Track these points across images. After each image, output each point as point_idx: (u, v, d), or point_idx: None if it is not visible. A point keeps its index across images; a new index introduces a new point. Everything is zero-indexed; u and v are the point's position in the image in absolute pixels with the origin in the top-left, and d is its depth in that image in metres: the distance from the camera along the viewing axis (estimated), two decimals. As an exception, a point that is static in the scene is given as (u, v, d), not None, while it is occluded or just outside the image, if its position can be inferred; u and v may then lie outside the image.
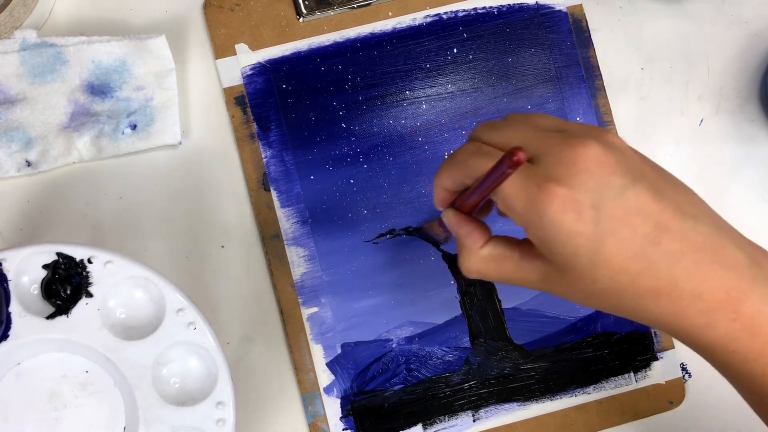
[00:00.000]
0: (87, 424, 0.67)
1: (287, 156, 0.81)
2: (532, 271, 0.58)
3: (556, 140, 0.54)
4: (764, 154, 0.85)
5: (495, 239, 0.60)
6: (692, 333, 0.56)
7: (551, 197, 0.52)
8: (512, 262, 0.59)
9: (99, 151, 0.79)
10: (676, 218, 0.54)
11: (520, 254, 0.58)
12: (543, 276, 0.57)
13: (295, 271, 0.81)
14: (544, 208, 0.52)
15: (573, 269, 0.54)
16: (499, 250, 0.59)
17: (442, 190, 0.62)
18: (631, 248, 0.53)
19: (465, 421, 0.81)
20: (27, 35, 0.78)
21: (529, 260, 0.58)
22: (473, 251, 0.60)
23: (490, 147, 0.57)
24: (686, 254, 0.54)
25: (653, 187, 0.54)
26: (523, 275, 0.59)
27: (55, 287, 0.66)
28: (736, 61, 0.86)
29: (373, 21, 0.82)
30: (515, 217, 0.55)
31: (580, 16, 0.84)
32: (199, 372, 0.68)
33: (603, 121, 0.83)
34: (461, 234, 0.61)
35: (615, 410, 0.82)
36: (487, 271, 0.60)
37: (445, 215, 0.63)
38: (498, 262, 0.59)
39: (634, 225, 0.53)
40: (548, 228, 0.53)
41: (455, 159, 0.58)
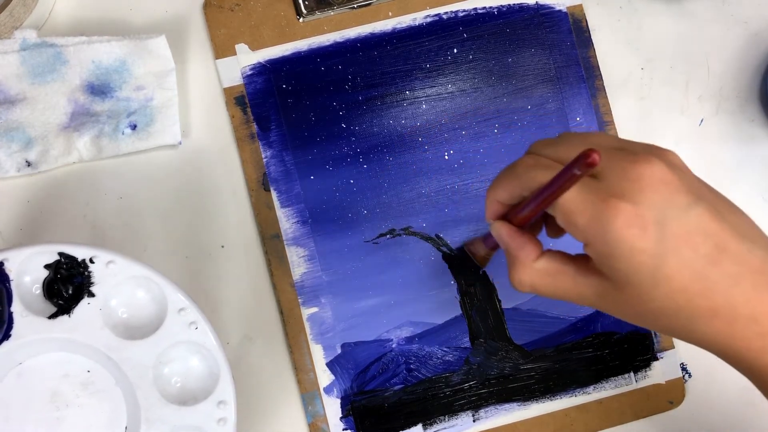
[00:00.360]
0: (88, 423, 0.67)
1: (287, 156, 0.81)
2: (588, 286, 0.58)
3: (618, 156, 0.54)
4: (764, 154, 0.85)
5: (549, 253, 0.60)
6: (746, 356, 0.56)
7: (616, 212, 0.52)
8: (568, 277, 0.58)
9: (99, 151, 0.79)
10: (735, 240, 0.54)
11: (575, 269, 0.58)
12: (599, 292, 0.57)
13: (295, 271, 0.81)
14: (609, 223, 0.52)
15: (632, 286, 0.54)
16: (554, 264, 0.59)
17: (496, 203, 0.61)
18: (692, 268, 0.53)
19: (465, 421, 0.81)
20: (27, 35, 0.78)
21: (585, 276, 0.58)
22: (527, 264, 0.60)
23: (549, 160, 0.57)
24: (744, 276, 0.54)
25: (713, 208, 0.54)
26: (579, 291, 0.58)
27: (56, 287, 0.66)
28: (736, 61, 0.86)
29: (373, 21, 0.82)
30: (575, 232, 0.55)
31: (580, 16, 0.84)
32: (201, 371, 0.68)
33: (603, 121, 0.83)
34: (513, 246, 0.60)
35: (615, 410, 0.82)
36: (541, 285, 0.60)
37: (495, 227, 0.62)
38: (553, 277, 0.59)
39: (696, 244, 0.53)
40: (611, 243, 0.53)
41: (513, 171, 0.58)
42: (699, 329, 0.55)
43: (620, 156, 0.54)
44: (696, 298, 0.54)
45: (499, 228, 0.61)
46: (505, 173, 0.59)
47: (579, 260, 0.58)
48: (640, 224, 0.52)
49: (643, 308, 0.55)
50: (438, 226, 0.82)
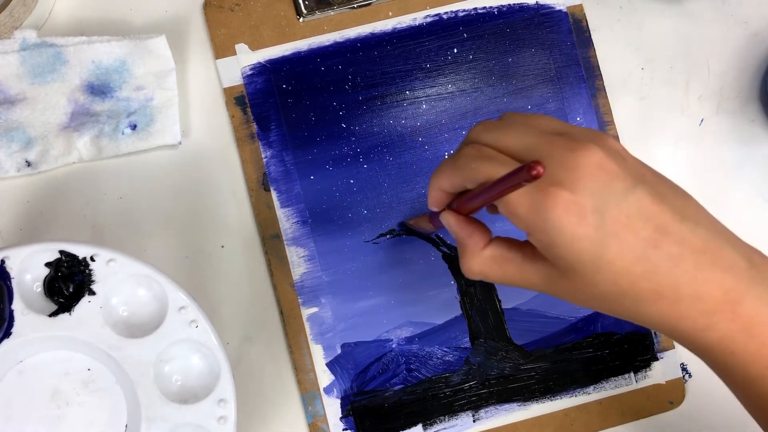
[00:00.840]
0: (89, 421, 0.67)
1: (287, 156, 0.81)
2: (535, 273, 0.58)
3: (558, 144, 0.54)
4: (764, 154, 0.85)
5: (496, 240, 0.61)
6: (692, 335, 0.56)
7: (555, 201, 0.52)
8: (515, 264, 0.59)
9: (99, 151, 0.79)
10: (676, 221, 0.54)
11: (522, 256, 0.59)
12: (545, 278, 0.58)
13: (295, 271, 0.81)
14: (548, 213, 0.53)
15: (575, 272, 0.55)
16: (501, 252, 0.60)
17: (439, 191, 0.62)
18: (632, 251, 0.54)
19: (465, 421, 0.81)
20: (27, 35, 0.78)
21: (531, 262, 0.58)
22: (475, 252, 0.60)
23: (491, 150, 0.57)
24: (686, 257, 0.54)
25: (653, 191, 0.55)
26: (526, 277, 0.59)
27: (57, 285, 0.66)
28: (736, 61, 0.86)
29: (373, 21, 0.82)
30: (517, 221, 0.55)
31: (580, 16, 0.84)
32: (201, 369, 0.68)
33: (603, 121, 0.83)
34: (462, 235, 0.61)
35: (615, 410, 0.82)
36: (489, 272, 0.60)
37: (443, 217, 0.63)
38: (500, 264, 0.60)
39: (636, 228, 0.53)
40: (551, 232, 0.53)
41: (455, 163, 0.59)
42: (645, 311, 0.56)
43: (560, 143, 0.54)
44: (639, 281, 0.54)
45: (447, 218, 0.62)
46: (448, 164, 0.60)
47: (526, 247, 0.59)
48: (579, 212, 0.52)
49: (589, 293, 0.56)
50: (438, 226, 0.82)
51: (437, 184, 0.61)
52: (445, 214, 0.62)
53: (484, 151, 0.57)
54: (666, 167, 0.83)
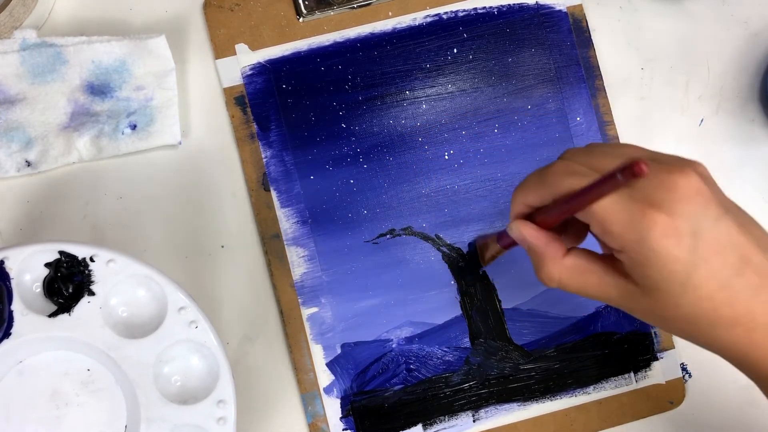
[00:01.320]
0: (88, 422, 0.67)
1: (287, 156, 0.81)
2: (615, 287, 0.59)
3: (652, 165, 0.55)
4: (764, 154, 0.85)
5: (576, 251, 0.62)
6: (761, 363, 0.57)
7: (653, 222, 0.53)
8: (595, 276, 0.60)
9: (99, 151, 0.79)
10: (758, 252, 0.56)
11: (603, 268, 0.60)
12: (624, 294, 0.59)
13: (295, 271, 0.81)
14: (646, 233, 0.53)
15: (660, 292, 0.56)
16: (582, 262, 0.61)
17: (523, 206, 0.62)
18: (718, 277, 0.55)
19: (465, 421, 0.81)
20: (27, 35, 0.78)
21: (612, 276, 0.59)
22: (556, 260, 0.61)
23: (583, 167, 0.58)
24: (765, 287, 0.55)
25: (738, 221, 0.56)
26: (604, 290, 0.60)
27: (57, 285, 0.66)
28: (736, 61, 0.86)
29: (373, 21, 0.82)
30: (610, 239, 0.56)
31: (580, 16, 0.84)
32: (201, 370, 0.68)
33: (603, 121, 0.83)
34: (540, 243, 0.61)
35: (615, 410, 0.82)
36: (569, 281, 0.61)
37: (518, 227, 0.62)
38: (581, 274, 0.61)
39: (725, 255, 0.55)
40: (646, 252, 0.54)
41: (545, 176, 0.59)
42: (720, 336, 0.57)
43: (654, 166, 0.55)
44: (720, 307, 0.55)
45: (521, 227, 0.62)
46: (536, 177, 0.60)
47: (605, 260, 0.60)
48: (676, 234, 0.53)
49: (668, 313, 0.57)
50: (438, 226, 0.82)
51: (523, 199, 0.62)
52: (521, 224, 0.62)
53: (575, 167, 0.58)
54: (666, 167, 0.83)
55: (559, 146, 0.83)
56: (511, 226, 0.63)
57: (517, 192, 0.62)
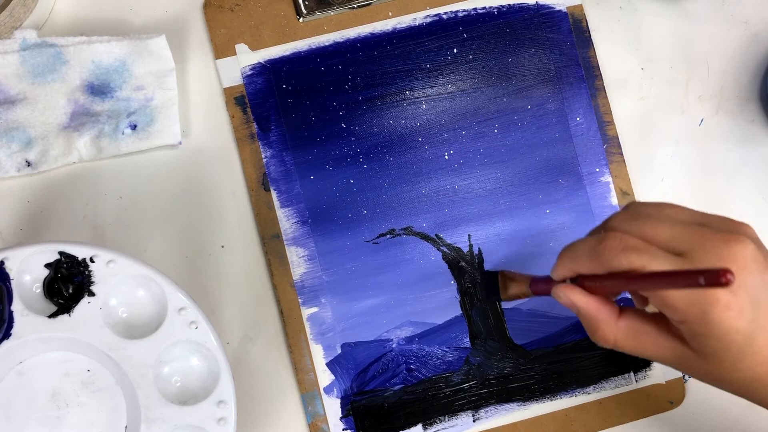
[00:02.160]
0: (89, 422, 0.67)
1: (287, 156, 0.81)
2: (669, 350, 0.60)
3: (707, 235, 0.56)
4: (764, 154, 0.85)
5: (628, 312, 0.62)
6: None
7: (716, 298, 0.54)
8: (650, 338, 0.61)
9: (99, 151, 0.79)
10: None
11: (656, 330, 0.61)
12: (679, 356, 0.60)
13: (295, 271, 0.81)
14: (709, 308, 0.54)
15: (717, 359, 0.57)
16: (636, 324, 0.61)
17: (570, 272, 0.63)
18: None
19: (465, 421, 0.81)
20: (27, 35, 0.78)
21: (665, 338, 0.60)
22: (611, 323, 0.62)
23: (637, 241, 0.58)
24: None
25: None
26: (659, 351, 0.61)
27: (57, 286, 0.66)
28: (736, 61, 0.86)
29: (373, 21, 0.82)
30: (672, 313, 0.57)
31: (580, 16, 0.84)
32: (201, 371, 0.68)
33: (603, 121, 0.83)
34: (592, 309, 0.62)
35: (615, 410, 0.82)
36: (624, 343, 0.62)
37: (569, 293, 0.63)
38: (636, 336, 0.61)
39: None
40: (709, 325, 0.55)
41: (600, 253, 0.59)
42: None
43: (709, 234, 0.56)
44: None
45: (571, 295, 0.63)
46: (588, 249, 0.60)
47: (658, 320, 0.61)
48: (738, 307, 0.54)
49: (724, 377, 0.58)
50: (438, 226, 0.82)
51: (572, 267, 0.62)
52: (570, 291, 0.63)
53: (630, 242, 0.58)
54: (666, 167, 0.83)
55: (559, 146, 0.83)
56: (558, 293, 0.63)
57: (564, 259, 0.63)
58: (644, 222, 0.59)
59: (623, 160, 0.83)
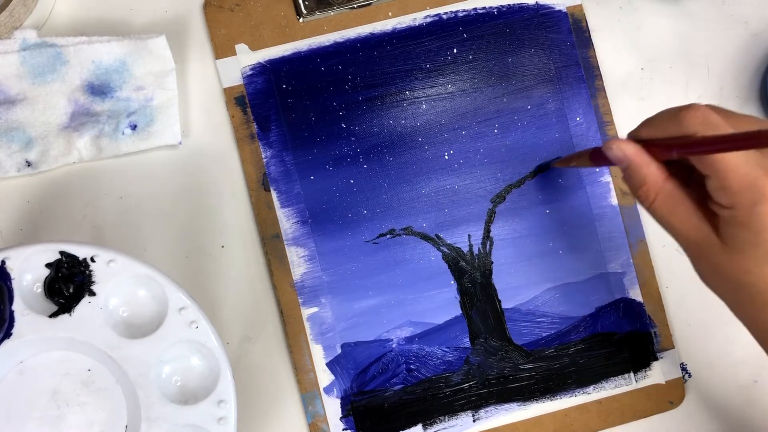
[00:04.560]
0: (89, 422, 0.67)
1: (287, 156, 0.81)
2: (698, 229, 0.61)
3: None
4: (764, 154, 0.85)
5: (674, 179, 0.63)
6: None
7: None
8: (685, 210, 0.61)
9: (99, 151, 0.79)
10: None
11: (694, 206, 0.61)
12: (704, 240, 0.60)
13: (295, 271, 0.81)
14: (761, 197, 0.55)
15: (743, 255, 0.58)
16: (678, 192, 0.62)
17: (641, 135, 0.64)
18: None
19: (465, 421, 0.81)
20: (27, 35, 0.78)
21: (699, 217, 0.61)
22: (657, 182, 0.62)
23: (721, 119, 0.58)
24: None
25: None
26: (688, 227, 0.61)
27: (57, 286, 0.66)
28: (736, 61, 0.86)
29: (373, 21, 0.82)
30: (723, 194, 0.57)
31: (580, 16, 0.84)
32: (201, 370, 0.68)
33: (603, 121, 0.83)
34: (644, 162, 0.63)
35: (615, 410, 0.82)
36: (662, 205, 0.62)
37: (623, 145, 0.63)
38: (675, 203, 0.62)
39: None
40: (754, 216, 0.56)
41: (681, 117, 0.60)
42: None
43: None
44: None
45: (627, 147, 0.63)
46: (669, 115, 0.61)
47: (699, 200, 0.61)
48: None
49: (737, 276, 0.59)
50: (438, 226, 0.82)
51: (647, 132, 0.63)
52: (625, 144, 0.63)
53: (712, 117, 0.59)
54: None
55: (559, 146, 0.83)
56: (611, 144, 0.64)
57: (643, 125, 0.64)
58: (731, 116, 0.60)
59: (623, 160, 0.83)
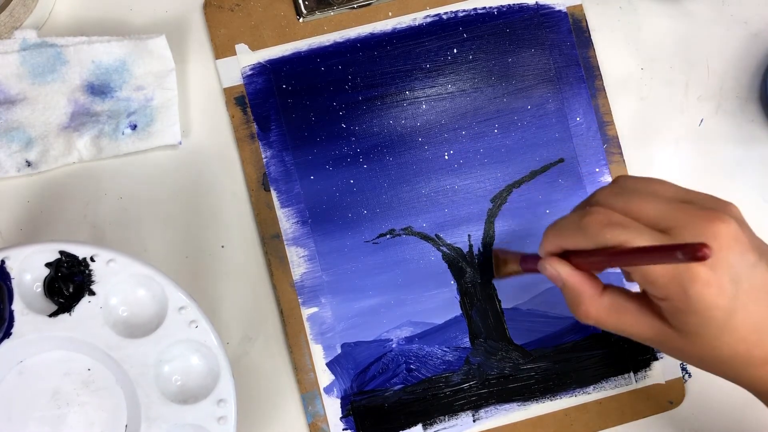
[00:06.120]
0: (89, 421, 0.67)
1: (287, 156, 0.81)
2: (650, 328, 0.61)
3: (691, 212, 0.57)
4: (764, 154, 0.85)
5: (611, 289, 0.63)
6: None
7: (696, 274, 0.55)
8: (631, 315, 0.61)
9: (99, 151, 0.79)
10: None
11: (638, 308, 0.61)
12: (660, 334, 0.60)
13: (295, 271, 0.81)
14: (689, 284, 0.55)
15: (697, 336, 0.58)
16: (618, 301, 0.62)
17: (557, 247, 0.63)
18: (753, 320, 0.57)
19: (465, 421, 0.81)
20: (27, 35, 0.78)
21: (647, 316, 0.61)
22: (594, 299, 0.62)
23: (621, 217, 0.58)
24: None
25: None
26: (640, 330, 0.61)
27: (57, 285, 0.66)
28: (736, 61, 0.86)
29: (373, 21, 0.82)
30: (653, 289, 0.57)
31: (580, 16, 0.84)
32: (201, 370, 0.68)
33: (603, 121, 0.83)
34: (577, 283, 0.63)
35: (615, 410, 0.82)
36: (606, 319, 0.62)
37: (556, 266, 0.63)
38: (618, 313, 0.62)
39: (759, 300, 0.56)
40: (689, 301, 0.55)
41: (584, 227, 0.59)
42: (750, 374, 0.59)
43: (693, 212, 0.56)
44: (753, 348, 0.57)
45: (557, 267, 0.63)
46: (571, 225, 0.61)
47: (640, 299, 0.61)
48: (719, 284, 0.55)
49: (704, 354, 0.59)
50: (438, 226, 0.82)
51: (557, 242, 0.63)
52: (557, 264, 0.63)
53: (614, 218, 0.58)
54: (666, 167, 0.83)
55: (559, 146, 0.83)
56: (545, 265, 0.64)
57: (550, 234, 0.63)
58: (630, 197, 0.59)
59: (623, 160, 0.83)
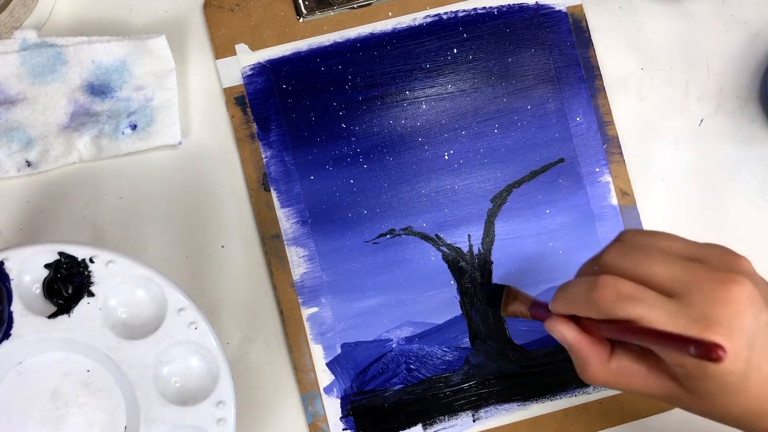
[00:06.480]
0: (88, 422, 0.67)
1: (287, 156, 0.81)
2: (660, 387, 0.60)
3: (703, 276, 0.56)
4: (764, 154, 0.85)
5: (619, 351, 0.62)
6: None
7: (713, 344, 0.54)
8: (640, 377, 0.61)
9: (99, 151, 0.79)
10: None
11: (647, 369, 0.60)
12: (670, 393, 0.60)
13: (295, 271, 0.81)
14: None
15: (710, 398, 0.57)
16: (627, 364, 0.61)
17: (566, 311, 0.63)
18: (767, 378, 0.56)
19: (465, 421, 0.81)
20: (27, 35, 0.78)
21: (657, 376, 0.60)
22: (602, 364, 0.62)
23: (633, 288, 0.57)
24: None
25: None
26: (649, 390, 0.61)
27: (56, 286, 0.66)
28: (736, 61, 0.86)
29: (373, 21, 0.82)
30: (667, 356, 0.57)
31: (580, 16, 0.84)
32: (200, 371, 0.68)
33: (603, 121, 0.83)
34: (584, 349, 0.62)
35: (615, 410, 0.82)
36: (614, 383, 0.62)
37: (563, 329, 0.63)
38: (627, 376, 0.61)
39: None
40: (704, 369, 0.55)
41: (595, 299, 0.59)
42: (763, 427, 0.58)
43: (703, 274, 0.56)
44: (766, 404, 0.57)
45: (565, 330, 0.63)
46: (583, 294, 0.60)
47: (650, 359, 0.61)
48: (734, 351, 0.54)
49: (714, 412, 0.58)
50: (438, 226, 0.82)
51: (567, 309, 0.62)
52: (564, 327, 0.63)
53: (624, 289, 0.57)
54: (666, 167, 0.83)
55: (559, 146, 0.83)
56: (552, 327, 0.63)
57: (560, 300, 0.63)
58: (638, 258, 0.59)
59: (623, 160, 0.83)
